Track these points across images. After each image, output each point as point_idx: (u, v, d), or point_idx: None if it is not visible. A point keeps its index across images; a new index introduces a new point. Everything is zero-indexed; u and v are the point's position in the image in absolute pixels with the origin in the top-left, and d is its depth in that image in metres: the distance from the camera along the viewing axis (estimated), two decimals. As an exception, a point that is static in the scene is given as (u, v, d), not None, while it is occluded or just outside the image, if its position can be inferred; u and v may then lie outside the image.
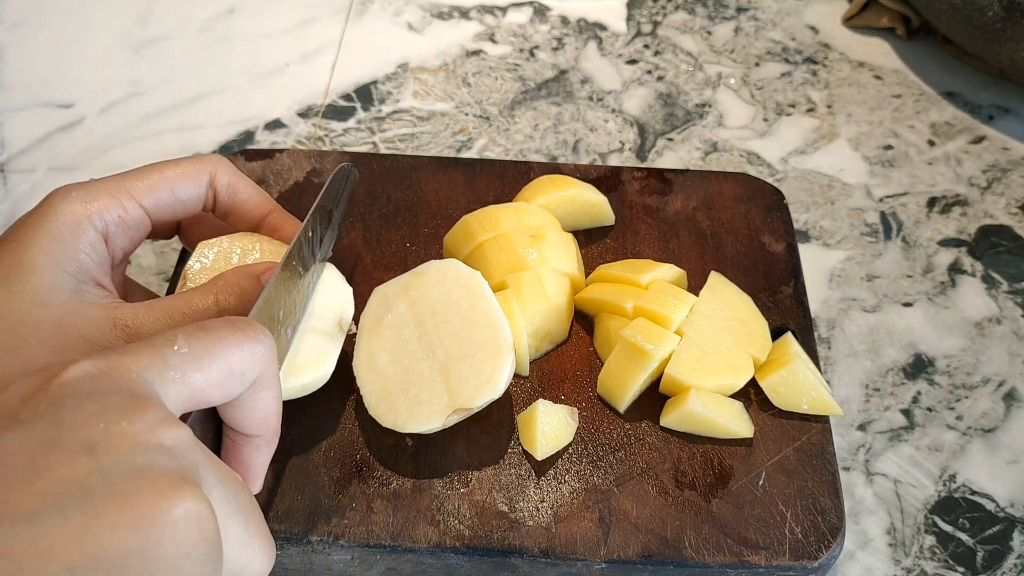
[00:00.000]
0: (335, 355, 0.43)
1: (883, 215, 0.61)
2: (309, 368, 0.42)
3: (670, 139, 0.66)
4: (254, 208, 0.44)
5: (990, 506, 0.49)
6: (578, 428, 0.45)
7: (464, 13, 0.74)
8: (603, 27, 0.73)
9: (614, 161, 0.64)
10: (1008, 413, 0.52)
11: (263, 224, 0.45)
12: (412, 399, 0.42)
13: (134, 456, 0.25)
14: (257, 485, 0.36)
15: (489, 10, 0.74)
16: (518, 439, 0.45)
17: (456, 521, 0.42)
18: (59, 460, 0.25)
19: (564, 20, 0.74)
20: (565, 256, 0.49)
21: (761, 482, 0.44)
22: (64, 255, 0.38)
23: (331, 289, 0.45)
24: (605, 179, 0.55)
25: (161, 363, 0.29)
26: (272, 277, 0.39)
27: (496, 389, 0.42)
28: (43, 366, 0.30)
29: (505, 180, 0.55)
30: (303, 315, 0.43)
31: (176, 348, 0.30)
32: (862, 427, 0.51)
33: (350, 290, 0.45)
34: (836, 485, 0.44)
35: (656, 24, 0.74)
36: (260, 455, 0.35)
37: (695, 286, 0.50)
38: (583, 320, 0.50)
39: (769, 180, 0.63)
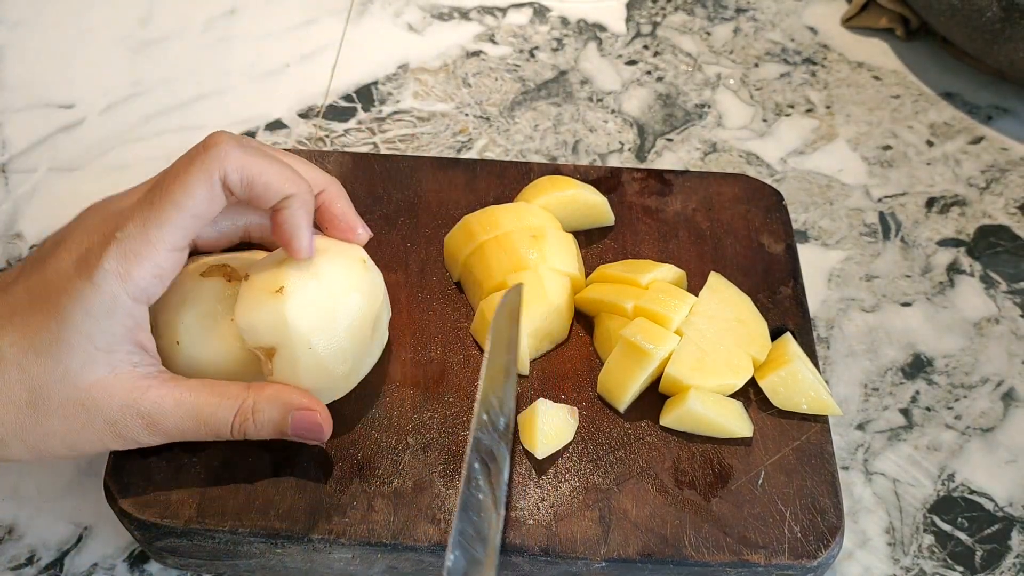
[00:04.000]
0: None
1: (882, 215, 0.62)
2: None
3: (670, 139, 0.66)
4: (275, 194, 0.41)
5: (989, 505, 0.49)
6: (578, 427, 0.45)
7: (464, 14, 0.74)
8: (603, 28, 0.74)
9: (614, 161, 0.64)
10: (1007, 413, 0.52)
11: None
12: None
13: None
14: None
15: (489, 11, 0.75)
16: (518, 438, 0.45)
17: (457, 520, 0.42)
18: None
19: (564, 21, 0.74)
20: (565, 256, 0.49)
21: (760, 481, 0.44)
22: (100, 333, 0.38)
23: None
24: (605, 180, 0.56)
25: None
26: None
27: None
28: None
29: (505, 181, 0.55)
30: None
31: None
32: (861, 427, 0.52)
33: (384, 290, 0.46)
34: (835, 484, 0.44)
35: (656, 25, 0.74)
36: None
37: (695, 286, 0.50)
38: (583, 320, 0.50)
39: (768, 180, 0.63)
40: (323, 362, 0.42)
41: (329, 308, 0.42)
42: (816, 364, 0.48)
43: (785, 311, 0.50)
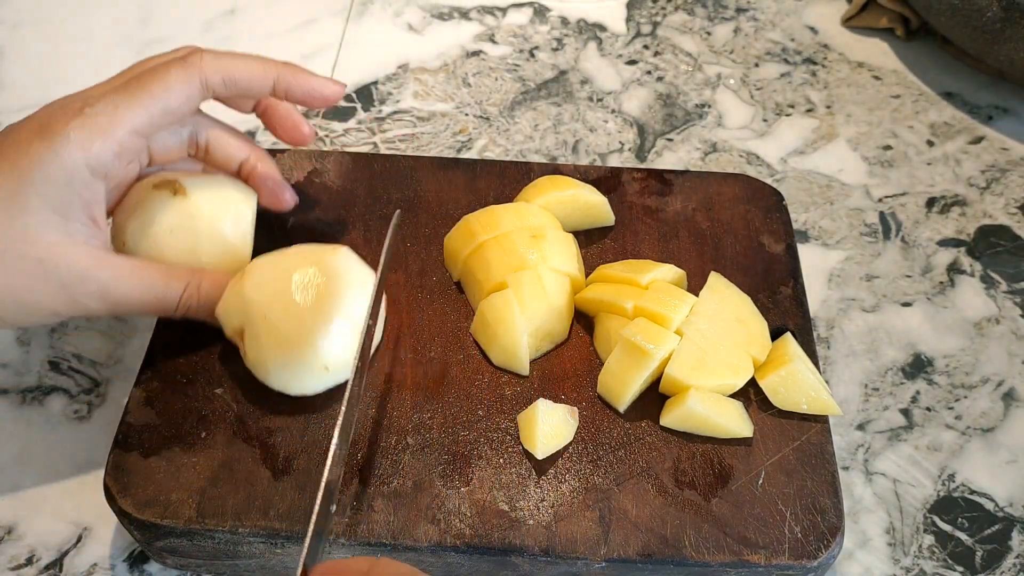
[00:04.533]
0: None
1: (882, 215, 0.62)
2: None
3: (670, 139, 0.66)
4: (261, 86, 0.45)
5: (989, 505, 0.49)
6: (578, 427, 0.45)
7: (464, 14, 0.74)
8: (603, 28, 0.74)
9: (614, 161, 0.64)
10: (1007, 413, 0.52)
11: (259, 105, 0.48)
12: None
13: None
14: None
15: (489, 11, 0.75)
16: (518, 439, 0.45)
17: (457, 520, 0.42)
18: None
19: (564, 21, 0.74)
20: (565, 256, 0.49)
21: (760, 482, 0.44)
22: (58, 197, 0.39)
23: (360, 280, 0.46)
24: (605, 180, 0.56)
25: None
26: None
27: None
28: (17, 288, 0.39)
29: (505, 180, 0.55)
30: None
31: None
32: (861, 427, 0.52)
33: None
34: (835, 484, 0.44)
35: (656, 25, 0.74)
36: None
37: (695, 286, 0.50)
38: (583, 320, 0.50)
39: (768, 180, 0.63)
40: (284, 335, 0.43)
41: (285, 283, 0.44)
42: (816, 364, 0.48)
43: (785, 311, 0.50)
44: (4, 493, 0.48)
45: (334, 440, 0.38)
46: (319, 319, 0.43)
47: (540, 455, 0.44)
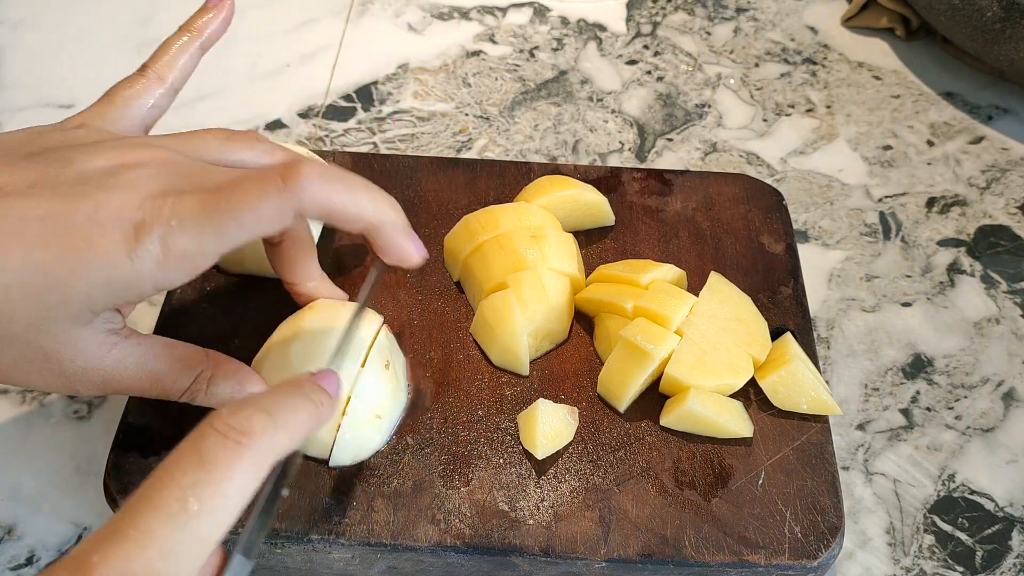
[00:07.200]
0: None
1: (882, 215, 0.62)
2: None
3: (670, 139, 0.66)
4: (357, 226, 0.39)
5: (989, 505, 0.49)
6: (578, 427, 0.45)
7: (464, 14, 0.74)
8: (603, 28, 0.74)
9: (614, 161, 0.64)
10: (1007, 413, 0.52)
11: None
12: None
13: None
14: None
15: (489, 11, 0.75)
16: (518, 439, 0.45)
17: (457, 520, 0.42)
18: None
19: (564, 21, 0.74)
20: (565, 256, 0.49)
21: (761, 481, 0.44)
22: (103, 301, 0.36)
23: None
24: (605, 179, 0.56)
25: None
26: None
27: None
28: None
29: (505, 180, 0.55)
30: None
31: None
32: (861, 427, 0.52)
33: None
34: (835, 484, 0.44)
35: (656, 25, 0.74)
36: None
37: (695, 286, 0.50)
38: (583, 320, 0.50)
39: (768, 180, 0.63)
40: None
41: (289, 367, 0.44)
42: (816, 364, 0.48)
43: (785, 311, 0.50)
44: (4, 493, 0.48)
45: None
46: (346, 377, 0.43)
47: (540, 455, 0.44)
